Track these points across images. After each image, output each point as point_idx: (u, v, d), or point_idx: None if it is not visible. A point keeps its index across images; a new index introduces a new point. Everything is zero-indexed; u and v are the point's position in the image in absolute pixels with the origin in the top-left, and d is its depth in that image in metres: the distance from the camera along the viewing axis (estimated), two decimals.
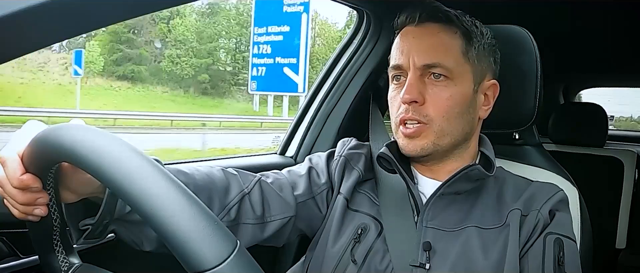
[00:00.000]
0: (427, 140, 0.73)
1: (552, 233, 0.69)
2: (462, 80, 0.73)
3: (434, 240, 0.71)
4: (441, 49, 0.73)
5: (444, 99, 0.72)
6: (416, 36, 0.75)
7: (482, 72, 0.76)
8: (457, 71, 0.73)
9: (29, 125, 0.52)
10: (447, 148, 0.75)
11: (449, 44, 0.73)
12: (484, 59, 0.76)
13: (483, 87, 0.77)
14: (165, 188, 0.39)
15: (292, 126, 1.35)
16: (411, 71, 0.73)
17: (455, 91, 0.73)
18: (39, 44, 0.44)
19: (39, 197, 0.51)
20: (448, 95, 0.72)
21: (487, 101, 0.78)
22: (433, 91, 0.72)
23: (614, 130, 3.00)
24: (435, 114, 0.72)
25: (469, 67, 0.74)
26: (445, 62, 0.72)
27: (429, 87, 0.73)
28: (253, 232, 0.74)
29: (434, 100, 0.72)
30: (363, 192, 0.81)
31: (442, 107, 0.72)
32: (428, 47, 0.73)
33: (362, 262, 0.73)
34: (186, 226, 0.38)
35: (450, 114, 0.72)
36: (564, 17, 1.45)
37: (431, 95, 0.72)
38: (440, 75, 0.72)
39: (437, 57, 0.72)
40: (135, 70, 18.15)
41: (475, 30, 0.76)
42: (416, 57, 0.73)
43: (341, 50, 1.29)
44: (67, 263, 0.56)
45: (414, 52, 0.73)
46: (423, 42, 0.74)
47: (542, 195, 0.74)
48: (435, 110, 0.72)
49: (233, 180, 0.74)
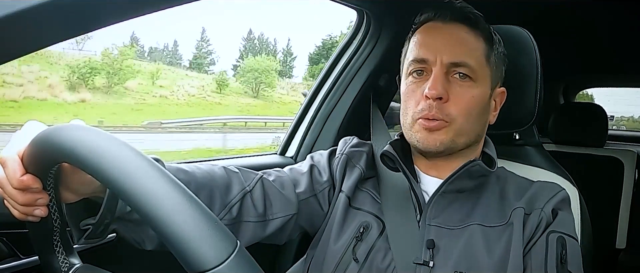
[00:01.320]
0: (446, 136, 0.72)
1: (555, 231, 0.69)
2: (483, 83, 0.74)
3: (437, 237, 0.72)
4: (468, 49, 0.73)
5: (467, 99, 0.72)
6: (444, 33, 0.75)
7: (497, 78, 0.78)
8: (479, 73, 0.73)
9: (29, 126, 0.52)
10: (461, 147, 0.75)
11: (475, 45, 0.74)
12: (500, 66, 0.78)
13: (495, 93, 0.78)
14: (165, 188, 0.39)
15: (292, 126, 1.35)
16: (437, 67, 0.72)
17: (477, 93, 0.73)
18: (39, 44, 0.44)
19: (39, 197, 0.51)
20: (471, 96, 0.72)
21: (495, 107, 0.80)
22: (457, 90, 0.72)
23: (614, 130, 3.00)
24: (457, 113, 0.72)
25: (489, 71, 0.75)
26: (471, 62, 0.72)
27: (452, 85, 0.72)
28: (254, 230, 0.74)
29: (457, 99, 0.72)
30: (365, 190, 0.81)
31: (464, 107, 0.72)
32: (456, 45, 0.73)
33: (364, 260, 0.73)
34: (186, 226, 0.38)
35: (470, 114, 0.73)
36: (564, 17, 1.45)
37: (455, 94, 0.72)
38: (465, 75, 0.72)
39: (464, 56, 0.72)
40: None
41: (495, 36, 0.77)
42: (444, 53, 0.72)
43: (341, 51, 1.29)
44: (67, 263, 0.56)
45: (441, 49, 0.73)
46: (451, 39, 0.74)
47: (544, 194, 0.74)
48: (457, 109, 0.72)
49: (234, 178, 0.74)
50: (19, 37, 0.42)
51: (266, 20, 29.94)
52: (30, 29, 0.41)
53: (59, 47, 11.24)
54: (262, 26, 32.41)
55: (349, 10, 1.22)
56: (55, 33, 0.44)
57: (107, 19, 0.47)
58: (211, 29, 25.96)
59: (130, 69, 11.85)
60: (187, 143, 6.69)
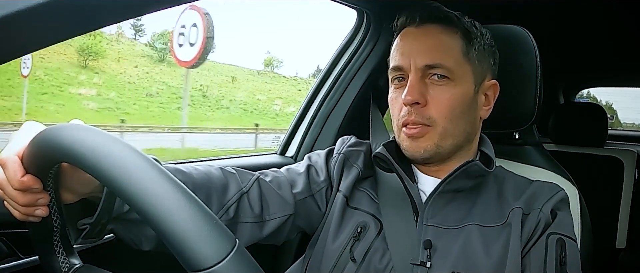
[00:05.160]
0: (430, 142, 0.73)
1: (555, 233, 0.69)
2: (463, 80, 0.73)
3: (434, 238, 0.71)
4: (442, 50, 0.73)
5: (445, 100, 0.72)
6: (417, 37, 0.75)
7: (482, 73, 0.77)
8: (458, 72, 0.73)
9: (28, 126, 0.52)
10: (450, 149, 0.75)
11: (449, 44, 0.73)
12: (484, 60, 0.77)
13: (484, 87, 0.77)
14: (164, 187, 0.39)
15: (292, 126, 1.35)
16: (412, 72, 0.73)
17: (457, 91, 0.73)
18: (39, 44, 0.44)
19: (40, 197, 0.51)
20: (449, 96, 0.72)
21: (488, 101, 0.79)
22: (435, 92, 0.72)
23: (614, 130, 3.00)
24: (437, 115, 0.72)
25: (470, 68, 0.74)
26: (446, 62, 0.72)
27: (430, 88, 0.73)
28: (252, 231, 0.74)
29: (436, 101, 0.72)
30: (362, 189, 0.81)
31: (444, 108, 0.72)
32: (429, 48, 0.73)
33: (362, 260, 0.73)
34: (185, 224, 0.38)
35: (452, 115, 0.72)
36: (564, 17, 1.45)
37: (433, 96, 0.72)
38: (441, 76, 0.72)
39: (438, 58, 0.72)
40: None
41: (475, 31, 0.76)
42: (417, 58, 0.73)
43: (341, 51, 1.29)
44: (67, 263, 0.56)
45: (415, 53, 0.73)
46: (424, 43, 0.74)
47: (543, 194, 0.74)
48: (437, 112, 0.72)
49: (231, 179, 0.73)
50: (19, 37, 0.42)
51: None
52: (30, 29, 0.41)
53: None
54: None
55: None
56: (56, 33, 0.44)
57: (107, 18, 0.47)
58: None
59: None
60: None
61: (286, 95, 19.51)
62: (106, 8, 0.45)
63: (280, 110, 17.43)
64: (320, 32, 37.20)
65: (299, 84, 21.22)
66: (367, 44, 1.26)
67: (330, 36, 40.88)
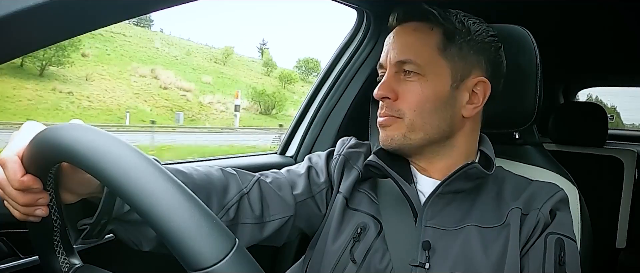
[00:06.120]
0: (398, 132, 0.75)
1: (554, 233, 0.69)
2: (436, 76, 0.74)
3: (433, 239, 0.71)
4: (413, 47, 0.74)
5: (414, 94, 0.74)
6: (395, 35, 0.78)
7: (464, 69, 0.75)
8: (429, 68, 0.73)
9: (28, 126, 0.52)
10: (420, 143, 0.75)
11: (422, 41, 0.75)
12: (467, 56, 0.75)
13: (467, 84, 0.75)
14: (164, 186, 0.39)
15: (292, 126, 1.35)
16: (387, 69, 0.76)
17: (427, 86, 0.73)
18: (39, 43, 0.44)
19: (40, 197, 0.51)
20: (419, 91, 0.73)
21: (475, 99, 0.76)
22: (405, 87, 0.75)
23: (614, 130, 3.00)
24: (406, 109, 0.74)
25: (446, 64, 0.74)
26: (416, 58, 0.73)
27: (402, 84, 0.75)
28: (252, 232, 0.74)
29: (405, 96, 0.74)
30: (362, 191, 0.81)
31: (412, 102, 0.74)
32: (401, 45, 0.76)
33: (362, 261, 0.73)
34: (185, 224, 0.38)
35: (421, 109, 0.73)
36: (564, 17, 1.45)
37: (403, 91, 0.74)
38: (410, 71, 0.74)
39: (408, 54, 0.74)
40: None
41: (461, 27, 0.75)
42: (391, 54, 0.76)
43: (341, 50, 1.29)
44: (67, 263, 0.56)
45: (391, 50, 0.77)
46: (398, 40, 0.77)
47: (542, 194, 0.74)
48: (406, 105, 0.74)
49: (232, 180, 0.73)
50: (19, 37, 0.42)
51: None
52: (30, 29, 0.41)
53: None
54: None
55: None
56: (55, 33, 0.44)
57: (107, 18, 0.47)
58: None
59: None
60: None
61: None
62: (106, 8, 0.45)
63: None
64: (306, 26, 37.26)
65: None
66: (367, 44, 1.26)
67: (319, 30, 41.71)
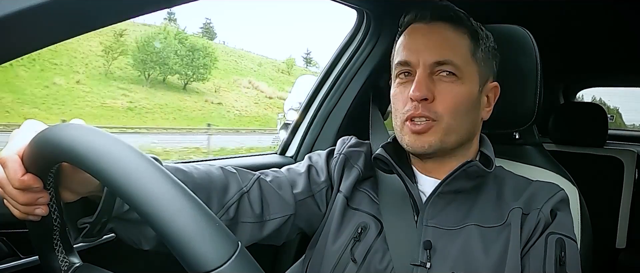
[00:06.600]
0: (435, 137, 0.73)
1: (554, 233, 0.69)
2: (469, 79, 0.74)
3: (434, 238, 0.71)
4: (451, 47, 0.73)
5: (452, 96, 0.72)
6: (426, 34, 0.75)
7: (486, 74, 0.77)
8: (465, 70, 0.73)
9: (28, 125, 0.52)
10: (453, 146, 0.75)
11: (458, 43, 0.74)
12: (488, 61, 0.77)
13: (486, 88, 0.78)
14: (166, 188, 0.39)
15: (292, 126, 1.35)
16: (420, 68, 0.73)
17: (463, 89, 0.73)
18: (39, 43, 0.44)
19: (40, 196, 0.51)
20: (456, 93, 0.72)
21: (489, 103, 0.79)
22: (442, 88, 0.72)
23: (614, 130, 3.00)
24: (443, 111, 0.72)
25: (476, 68, 0.75)
26: (454, 59, 0.72)
27: (437, 84, 0.73)
28: (252, 231, 0.74)
29: (442, 97, 0.72)
30: (363, 190, 0.81)
31: (450, 104, 0.72)
32: (438, 45, 0.73)
33: (362, 261, 0.73)
34: (187, 226, 0.38)
35: (458, 112, 0.73)
36: (564, 17, 1.45)
37: (440, 92, 0.72)
38: (449, 72, 0.72)
39: (447, 55, 0.72)
40: None
41: (481, 32, 0.77)
42: (426, 54, 0.73)
43: (341, 50, 1.29)
44: (67, 263, 0.56)
45: (423, 50, 0.73)
46: (433, 40, 0.74)
47: (543, 194, 0.74)
48: (443, 107, 0.72)
49: (232, 179, 0.73)
50: (19, 37, 0.42)
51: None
52: (30, 29, 0.41)
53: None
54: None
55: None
56: (55, 33, 0.44)
57: (107, 18, 0.47)
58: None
59: None
60: None
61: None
62: (106, 8, 0.45)
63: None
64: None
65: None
66: (367, 44, 1.26)
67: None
